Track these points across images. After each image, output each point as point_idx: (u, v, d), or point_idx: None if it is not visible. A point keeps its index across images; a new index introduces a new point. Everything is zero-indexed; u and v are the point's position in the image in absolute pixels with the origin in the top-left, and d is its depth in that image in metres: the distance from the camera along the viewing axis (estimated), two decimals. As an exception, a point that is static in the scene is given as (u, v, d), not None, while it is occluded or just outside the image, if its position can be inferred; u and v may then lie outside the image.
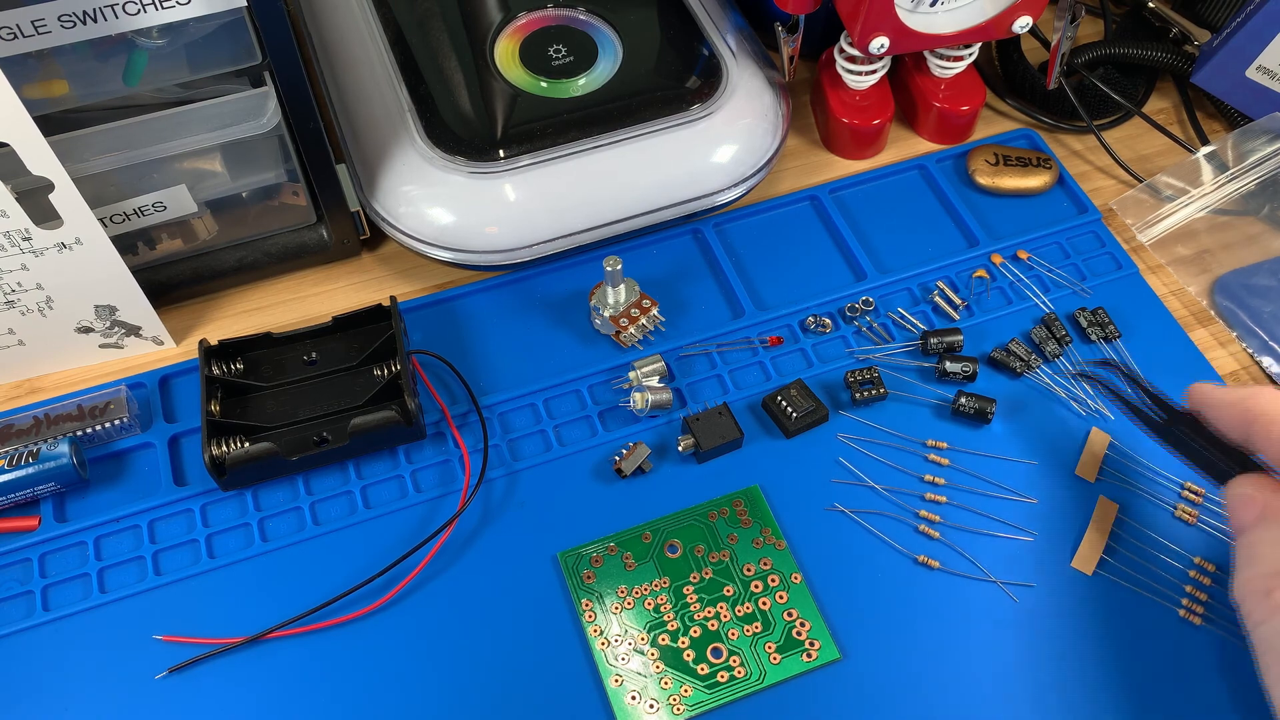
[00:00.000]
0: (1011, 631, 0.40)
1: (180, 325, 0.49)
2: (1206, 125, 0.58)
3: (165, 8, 0.38)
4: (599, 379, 0.47)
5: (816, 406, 0.45)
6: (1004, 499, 0.44)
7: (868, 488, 0.44)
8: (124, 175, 0.43)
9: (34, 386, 0.47)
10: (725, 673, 0.39)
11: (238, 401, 0.45)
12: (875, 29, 0.48)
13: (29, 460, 0.42)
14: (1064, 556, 0.42)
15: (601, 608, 0.41)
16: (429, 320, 0.49)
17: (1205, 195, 0.53)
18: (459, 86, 0.49)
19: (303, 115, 0.43)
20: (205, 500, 0.43)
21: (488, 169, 0.47)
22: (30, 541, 0.42)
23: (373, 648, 0.40)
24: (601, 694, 0.39)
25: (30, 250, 0.42)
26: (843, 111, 0.54)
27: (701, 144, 0.49)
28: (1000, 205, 0.53)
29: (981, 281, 0.50)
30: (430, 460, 0.45)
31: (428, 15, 0.51)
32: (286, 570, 0.42)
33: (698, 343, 0.48)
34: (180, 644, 0.40)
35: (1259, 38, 0.52)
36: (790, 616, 0.40)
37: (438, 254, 0.48)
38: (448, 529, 0.42)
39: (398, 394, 0.44)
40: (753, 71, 0.51)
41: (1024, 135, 0.56)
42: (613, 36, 0.51)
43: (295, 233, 0.50)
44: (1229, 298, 0.50)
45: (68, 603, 0.41)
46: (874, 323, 0.49)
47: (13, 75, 0.36)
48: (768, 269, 0.51)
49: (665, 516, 0.43)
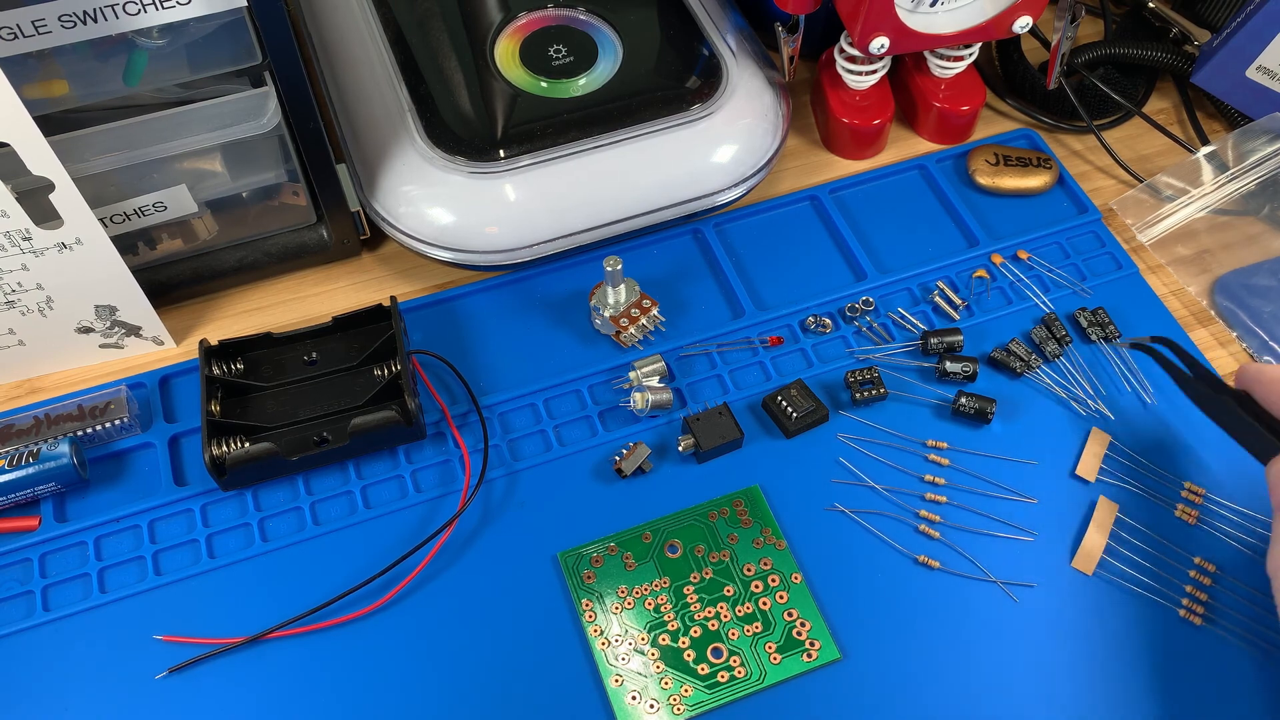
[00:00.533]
0: (1011, 631, 0.40)
1: (180, 325, 0.49)
2: (1206, 125, 0.58)
3: (165, 8, 0.38)
4: (599, 379, 0.47)
5: (816, 406, 0.45)
6: (1004, 499, 0.44)
7: (868, 488, 0.44)
8: (124, 175, 0.43)
9: (34, 386, 0.47)
10: (725, 673, 0.39)
11: (238, 401, 0.45)
12: (875, 29, 0.48)
13: (29, 460, 0.42)
14: (1064, 556, 0.42)
15: (602, 608, 0.41)
16: (429, 320, 0.49)
17: (1205, 195, 0.53)
18: (459, 86, 0.49)
19: (303, 115, 0.43)
20: (205, 500, 0.43)
21: (488, 169, 0.47)
22: (30, 541, 0.42)
23: (373, 648, 0.40)
24: (602, 694, 0.39)
25: (30, 250, 0.42)
26: (843, 111, 0.54)
27: (701, 144, 0.49)
28: (1000, 205, 0.53)
29: (981, 281, 0.50)
30: (430, 460, 0.45)
31: (428, 15, 0.51)
32: (286, 570, 0.42)
33: (698, 343, 0.48)
34: (180, 644, 0.40)
35: (1259, 38, 0.52)
36: (790, 616, 0.40)
37: (438, 254, 0.48)
38: (448, 529, 0.42)
39: (398, 394, 0.44)
40: (753, 71, 0.51)
41: (1024, 135, 0.56)
42: (613, 36, 0.51)
43: (295, 233, 0.50)
44: (1229, 298, 0.50)
45: (68, 603, 0.41)
46: (874, 323, 0.49)
47: (13, 75, 0.36)
48: (768, 269, 0.51)
49: (665, 516, 0.43)
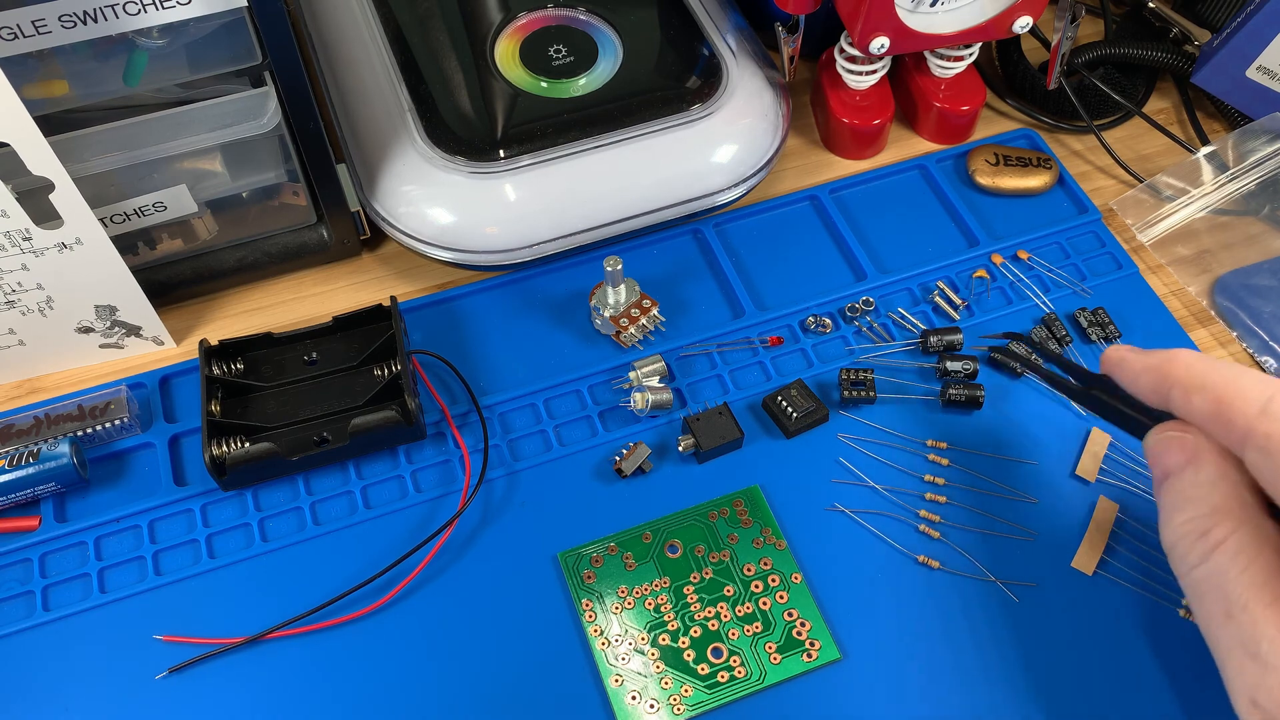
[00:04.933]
0: (1011, 631, 0.40)
1: (180, 325, 0.49)
2: (1206, 125, 0.58)
3: (165, 8, 0.38)
4: (599, 379, 0.47)
5: (817, 406, 0.45)
6: (1004, 499, 0.44)
7: (868, 488, 0.44)
8: (124, 175, 0.43)
9: (34, 386, 0.47)
10: (725, 673, 0.39)
11: (238, 401, 0.45)
12: (875, 29, 0.48)
13: (29, 460, 0.42)
14: (1064, 556, 0.42)
15: (602, 608, 0.41)
16: (429, 320, 0.49)
17: (1205, 195, 0.53)
18: (459, 86, 0.49)
19: (303, 115, 0.43)
20: (205, 500, 0.43)
21: (488, 169, 0.47)
22: (30, 541, 0.42)
23: (373, 648, 0.40)
24: (602, 694, 0.39)
25: (30, 250, 0.42)
26: (843, 111, 0.54)
27: (701, 144, 0.49)
28: (1000, 205, 0.53)
29: (982, 281, 0.50)
30: (430, 460, 0.45)
31: (428, 15, 0.51)
32: (286, 570, 0.42)
33: (698, 343, 0.48)
34: (180, 644, 0.40)
35: (1259, 38, 0.52)
36: (790, 616, 0.40)
37: (438, 254, 0.48)
38: (448, 529, 0.42)
39: (398, 394, 0.44)
40: (753, 71, 0.51)
41: (1024, 135, 0.56)
42: (613, 36, 0.51)
43: (295, 233, 0.50)
44: (1229, 298, 0.50)
45: (68, 603, 0.41)
46: (874, 323, 0.49)
47: (13, 75, 0.36)
48: (768, 269, 0.51)
49: (665, 516, 0.43)
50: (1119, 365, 0.36)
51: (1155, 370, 0.35)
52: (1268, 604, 0.30)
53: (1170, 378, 0.34)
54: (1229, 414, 0.32)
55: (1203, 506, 0.32)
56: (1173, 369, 0.34)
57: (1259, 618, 0.30)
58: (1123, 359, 0.36)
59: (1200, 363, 0.34)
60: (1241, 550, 0.31)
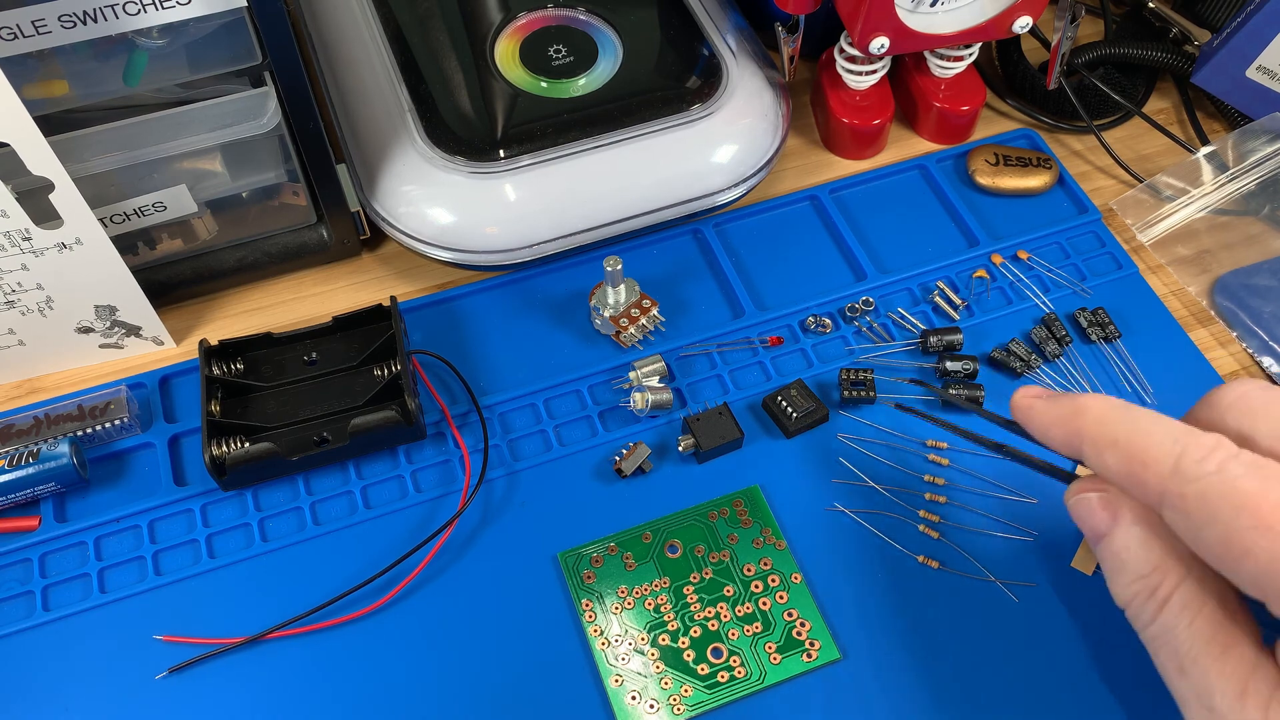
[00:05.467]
0: (1011, 631, 0.40)
1: (180, 325, 0.49)
2: (1206, 125, 0.58)
3: (165, 8, 0.38)
4: (599, 379, 0.47)
5: (817, 406, 0.45)
6: (1004, 499, 0.44)
7: (868, 488, 0.44)
8: (124, 175, 0.43)
9: (34, 386, 0.47)
10: (725, 673, 0.39)
11: (238, 401, 0.45)
12: (875, 29, 0.48)
13: (29, 460, 0.42)
14: (1064, 556, 0.42)
15: (602, 608, 0.41)
16: (429, 320, 0.49)
17: (1205, 195, 0.53)
18: (459, 86, 0.49)
19: (303, 115, 0.43)
20: (205, 500, 0.43)
21: (488, 169, 0.47)
22: (30, 541, 0.42)
23: (373, 648, 0.40)
24: (601, 694, 0.39)
25: (30, 250, 0.42)
26: (843, 111, 0.54)
27: (701, 144, 0.49)
28: (1000, 205, 0.53)
29: (981, 281, 0.50)
30: (430, 460, 0.45)
31: (428, 15, 0.51)
32: (286, 570, 0.42)
33: (698, 343, 0.48)
34: (180, 644, 0.40)
35: (1259, 38, 0.52)
36: (790, 616, 0.40)
37: (438, 254, 0.48)
38: (448, 529, 0.42)
39: (398, 394, 0.44)
40: (753, 71, 0.51)
41: (1024, 135, 0.56)
42: (613, 36, 0.51)
43: (295, 233, 0.50)
44: (1229, 298, 0.50)
45: (68, 603, 0.41)
46: (874, 323, 0.49)
47: (13, 75, 0.36)
48: (768, 269, 0.51)
49: (665, 516, 0.43)
50: (1028, 414, 0.35)
51: (1065, 424, 0.33)
52: (1216, 656, 0.30)
53: (1081, 434, 0.33)
54: (1142, 475, 0.31)
55: (1142, 566, 0.32)
56: (1083, 424, 0.33)
57: (1209, 670, 0.30)
58: (1031, 407, 0.35)
59: (1111, 414, 0.32)
60: (1186, 606, 0.31)
